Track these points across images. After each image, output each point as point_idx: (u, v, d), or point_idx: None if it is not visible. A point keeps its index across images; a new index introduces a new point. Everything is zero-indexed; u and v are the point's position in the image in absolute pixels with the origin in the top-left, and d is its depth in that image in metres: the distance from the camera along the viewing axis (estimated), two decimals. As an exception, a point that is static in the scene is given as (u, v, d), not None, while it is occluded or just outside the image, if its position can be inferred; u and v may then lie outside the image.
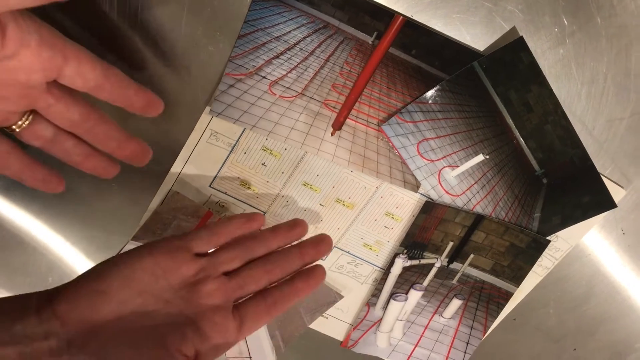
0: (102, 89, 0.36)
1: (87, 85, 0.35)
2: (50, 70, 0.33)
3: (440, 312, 0.55)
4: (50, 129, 0.37)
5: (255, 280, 0.40)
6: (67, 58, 0.33)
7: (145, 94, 0.39)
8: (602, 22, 0.45)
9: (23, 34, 0.31)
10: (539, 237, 0.52)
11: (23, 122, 0.36)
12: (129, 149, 0.41)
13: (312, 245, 0.44)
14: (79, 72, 0.34)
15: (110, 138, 0.39)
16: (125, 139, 0.40)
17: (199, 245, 0.39)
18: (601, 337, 0.59)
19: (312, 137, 0.47)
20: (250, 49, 0.44)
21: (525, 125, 0.48)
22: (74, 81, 0.35)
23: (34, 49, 0.32)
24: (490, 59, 0.45)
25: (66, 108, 0.36)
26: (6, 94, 0.33)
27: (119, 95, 0.37)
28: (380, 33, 0.44)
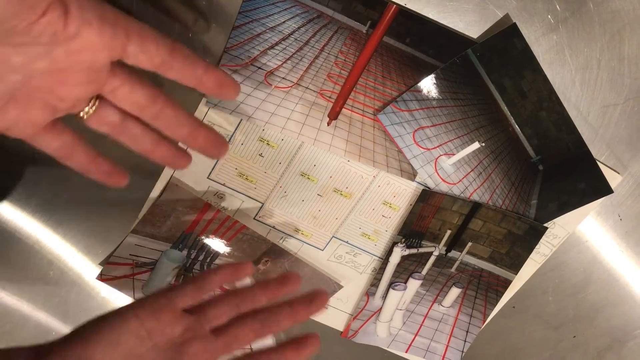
0: (169, 66, 0.35)
1: (152, 63, 0.34)
2: (114, 48, 0.32)
3: (440, 301, 0.55)
4: (117, 114, 0.37)
5: (241, 339, 0.39)
6: (130, 35, 0.32)
7: (216, 73, 0.37)
8: (594, 7, 0.45)
9: (84, 11, 0.30)
10: (536, 224, 0.52)
11: (90, 108, 0.35)
12: (202, 136, 0.39)
13: (304, 303, 0.42)
14: (143, 49, 0.33)
15: (181, 124, 0.38)
16: (197, 125, 0.39)
17: (184, 302, 0.38)
18: (600, 323, 0.59)
19: (308, 127, 0.47)
20: (245, 40, 0.44)
21: (520, 112, 0.48)
22: (139, 59, 0.34)
23: (96, 27, 0.31)
24: (484, 46, 0.45)
25: (132, 90, 0.36)
26: (73, 79, 0.33)
27: (187, 73, 0.36)
28: (374, 22, 0.44)
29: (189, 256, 0.51)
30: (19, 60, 0.30)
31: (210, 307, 0.39)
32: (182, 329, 0.37)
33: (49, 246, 0.50)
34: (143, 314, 0.36)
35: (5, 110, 0.32)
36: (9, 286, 0.51)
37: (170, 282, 0.51)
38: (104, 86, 0.35)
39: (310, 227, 0.51)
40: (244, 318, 0.40)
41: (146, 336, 0.35)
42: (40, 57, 0.31)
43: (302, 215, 0.50)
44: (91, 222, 0.50)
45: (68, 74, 0.32)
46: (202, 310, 0.39)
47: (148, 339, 0.35)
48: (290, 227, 0.51)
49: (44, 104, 0.33)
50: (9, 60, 0.30)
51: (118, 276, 0.50)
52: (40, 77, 0.32)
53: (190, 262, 0.51)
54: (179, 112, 0.38)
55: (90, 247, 0.51)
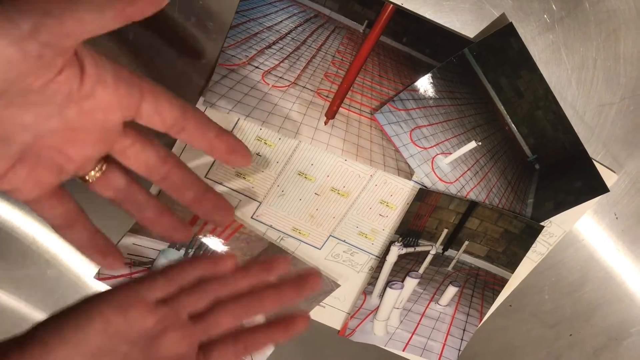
0: (181, 128, 0.34)
1: (165, 124, 0.34)
2: (128, 108, 0.32)
3: (437, 300, 0.55)
4: (124, 179, 0.36)
5: (222, 325, 0.37)
6: (144, 95, 0.32)
7: (228, 138, 0.36)
8: (590, 7, 0.45)
9: (99, 70, 0.30)
10: (533, 223, 0.52)
11: (97, 171, 0.35)
12: (207, 201, 0.38)
13: (293, 286, 0.39)
14: (157, 110, 0.33)
15: (188, 187, 0.37)
16: (203, 189, 0.38)
17: (154, 294, 0.36)
18: (597, 322, 0.59)
19: (305, 126, 0.47)
20: (243, 39, 0.44)
21: (517, 111, 0.48)
22: (152, 119, 0.33)
23: (111, 86, 0.31)
24: (480, 45, 0.45)
25: (143, 150, 0.35)
26: (84, 138, 0.32)
27: (199, 137, 0.35)
28: (371, 21, 0.44)
29: (187, 255, 0.51)
30: (30, 119, 0.29)
31: (185, 294, 0.37)
32: (154, 321, 0.35)
33: (46, 246, 0.50)
34: (108, 311, 0.33)
35: (14, 170, 0.31)
36: (7, 286, 0.51)
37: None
38: (115, 145, 0.34)
39: (308, 226, 0.51)
40: (224, 303, 0.38)
41: (114, 333, 0.33)
42: (52, 116, 0.30)
43: (300, 214, 0.51)
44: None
45: (79, 133, 0.32)
46: (177, 298, 0.37)
47: (116, 335, 0.33)
48: (288, 226, 0.51)
49: (51, 165, 0.32)
50: (19, 120, 0.29)
51: (116, 275, 0.50)
52: (50, 136, 0.31)
53: (187, 261, 0.51)
54: (187, 174, 0.37)
55: (88, 247, 0.51)
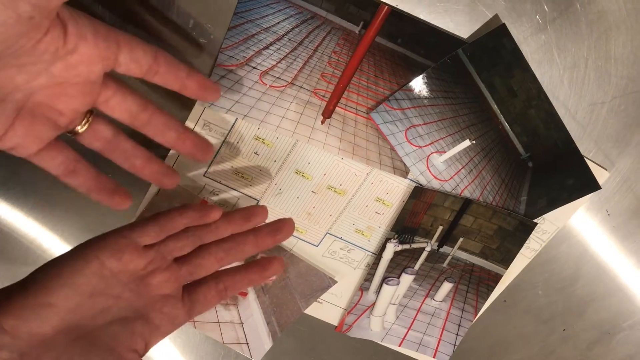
0: (155, 72, 0.37)
1: (141, 70, 0.37)
2: (108, 59, 0.35)
3: (432, 296, 0.56)
4: (110, 130, 0.39)
5: (205, 268, 0.41)
6: (121, 46, 0.35)
7: (198, 77, 0.39)
8: (581, 8, 0.46)
9: (80, 27, 0.32)
10: (526, 220, 0.53)
11: (85, 124, 0.37)
12: (189, 140, 0.41)
13: (269, 232, 0.44)
14: (133, 58, 0.36)
15: (169, 128, 0.40)
16: (184, 130, 0.41)
17: (146, 240, 0.40)
18: (589, 316, 0.60)
19: (302, 125, 0.48)
20: (241, 41, 0.45)
21: (510, 110, 0.49)
22: (129, 67, 0.36)
23: (91, 41, 0.33)
24: (474, 46, 0.46)
25: (124, 99, 0.38)
26: (70, 92, 0.35)
27: (171, 78, 0.38)
28: (366, 23, 0.45)
29: (186, 253, 0.51)
30: (21, 78, 0.32)
31: (172, 239, 0.41)
32: (145, 263, 0.39)
33: (46, 244, 0.51)
34: (104, 255, 0.37)
35: (13, 128, 0.34)
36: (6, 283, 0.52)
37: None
38: (99, 97, 0.37)
39: (305, 223, 0.52)
40: (207, 247, 0.42)
41: (109, 275, 0.37)
42: (40, 73, 0.33)
43: (297, 212, 0.51)
44: (89, 220, 0.51)
45: (66, 87, 0.34)
46: (164, 243, 0.40)
47: (110, 277, 0.37)
48: (285, 223, 0.52)
49: (46, 120, 0.35)
50: (12, 81, 0.32)
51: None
52: (40, 92, 0.34)
53: (187, 259, 0.51)
54: (167, 119, 0.40)
55: (88, 245, 0.51)
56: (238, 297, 0.53)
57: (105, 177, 0.40)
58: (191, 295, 0.41)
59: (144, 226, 0.40)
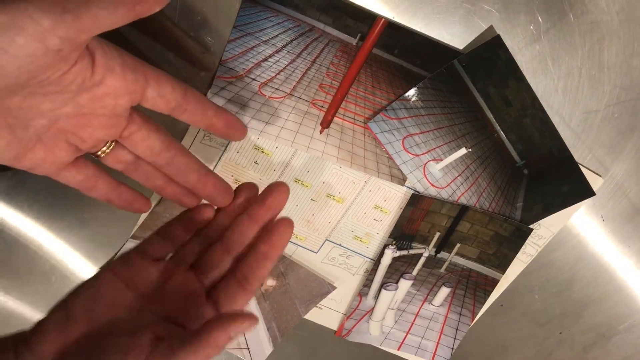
0: (183, 109, 0.37)
1: (168, 106, 0.37)
2: (135, 93, 0.35)
3: (430, 300, 0.57)
4: (132, 154, 0.39)
5: (217, 263, 0.41)
6: (149, 80, 0.35)
7: (225, 115, 0.40)
8: (575, 19, 0.47)
9: (108, 59, 0.32)
10: (522, 226, 0.54)
11: (107, 148, 0.38)
12: (210, 183, 0.41)
13: (260, 206, 0.42)
14: (160, 93, 0.36)
15: (191, 170, 0.40)
16: (205, 172, 0.41)
17: (153, 253, 0.40)
18: (585, 320, 0.61)
19: (301, 135, 0.49)
20: (240, 53, 0.46)
21: (505, 119, 0.50)
22: (156, 102, 0.36)
23: (119, 74, 0.33)
24: (469, 56, 0.47)
25: (148, 135, 0.38)
26: (95, 122, 0.35)
27: (199, 116, 0.38)
28: (363, 35, 0.46)
29: (188, 260, 0.52)
30: (47, 107, 0.32)
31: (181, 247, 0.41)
32: (159, 273, 0.39)
33: (51, 251, 0.52)
34: (116, 268, 0.37)
35: (33, 151, 0.34)
36: (12, 291, 0.52)
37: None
38: (123, 131, 0.37)
39: (305, 230, 0.53)
40: (213, 245, 0.41)
41: (124, 287, 0.37)
42: (67, 102, 0.33)
43: (297, 219, 0.52)
44: (92, 228, 0.51)
45: (91, 117, 0.34)
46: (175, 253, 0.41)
47: (126, 288, 0.37)
48: (285, 231, 0.53)
49: (67, 145, 0.35)
50: (38, 108, 0.32)
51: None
52: (65, 120, 0.34)
53: (188, 266, 0.52)
54: (189, 160, 0.40)
55: (92, 252, 0.52)
56: (239, 303, 0.54)
57: (124, 187, 0.40)
58: (214, 297, 0.40)
59: (148, 240, 0.40)
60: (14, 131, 0.32)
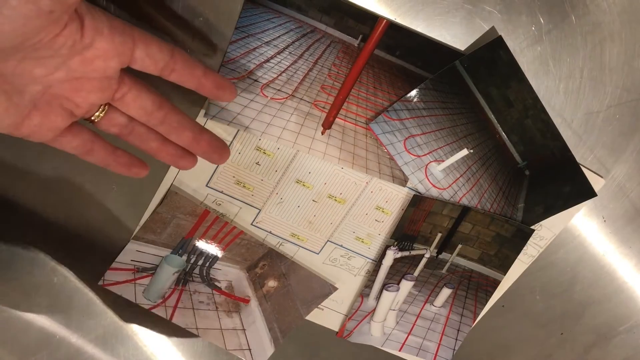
0: (171, 69, 0.38)
1: (157, 67, 0.37)
2: (124, 54, 0.35)
3: (431, 301, 0.57)
4: (125, 117, 0.40)
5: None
6: (136, 41, 0.36)
7: (214, 76, 0.40)
8: (576, 20, 0.47)
9: (96, 22, 0.33)
10: (524, 227, 0.54)
11: (101, 112, 0.38)
12: (204, 141, 0.42)
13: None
14: (148, 54, 0.36)
15: (185, 128, 0.41)
16: (200, 130, 0.41)
17: None
18: (587, 321, 0.61)
19: (303, 136, 0.49)
20: (242, 54, 0.46)
21: (507, 120, 0.50)
22: (145, 63, 0.37)
23: (107, 36, 0.34)
24: (471, 57, 0.47)
25: (139, 96, 0.38)
26: (87, 86, 0.36)
27: (188, 76, 0.39)
28: (365, 36, 0.46)
29: (189, 261, 0.52)
30: (40, 72, 0.33)
31: None
32: None
33: (52, 253, 0.52)
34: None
35: (29, 117, 0.35)
36: (13, 293, 0.52)
37: (171, 286, 0.52)
38: (114, 93, 0.38)
39: (306, 231, 0.53)
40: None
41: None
42: (59, 67, 0.34)
43: (298, 220, 0.52)
44: (93, 229, 0.51)
45: (83, 81, 0.35)
46: None
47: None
48: (287, 232, 0.53)
49: (62, 110, 0.36)
50: (31, 73, 0.33)
51: (120, 281, 0.52)
52: (58, 85, 0.35)
53: (190, 267, 0.52)
54: (183, 118, 0.41)
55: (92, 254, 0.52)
56: (240, 304, 0.54)
57: (121, 151, 0.41)
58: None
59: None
60: (11, 98, 0.33)
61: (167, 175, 0.49)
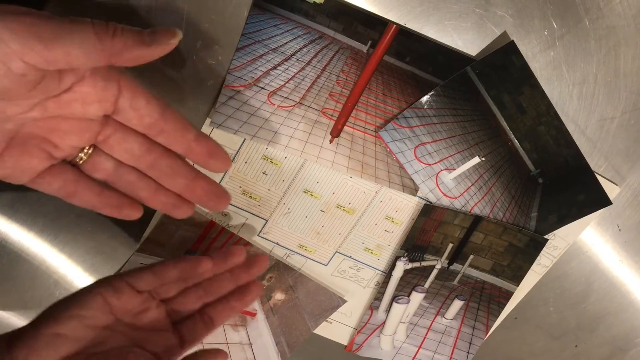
0: (159, 128, 0.36)
1: (142, 122, 0.35)
2: (106, 101, 0.33)
3: (443, 314, 0.55)
4: (112, 162, 0.37)
5: (188, 305, 0.43)
6: (122, 90, 0.34)
7: (207, 142, 0.37)
8: (590, 24, 0.46)
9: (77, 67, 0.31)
10: (537, 236, 0.52)
11: (84, 155, 0.36)
12: (199, 188, 0.39)
13: (244, 269, 0.46)
14: (133, 106, 0.34)
15: (177, 174, 0.38)
16: (194, 176, 0.39)
17: (141, 286, 0.40)
18: (602, 333, 0.59)
19: (311, 144, 0.47)
20: (249, 61, 0.45)
21: (519, 127, 0.49)
22: (129, 116, 0.35)
23: (88, 80, 0.32)
24: (482, 63, 0.46)
25: (125, 139, 0.36)
26: (66, 127, 0.34)
27: (177, 139, 0.37)
28: (374, 42, 0.45)
29: (194, 273, 0.51)
30: (13, 111, 0.31)
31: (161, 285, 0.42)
32: (138, 304, 0.40)
33: (55, 266, 0.51)
34: (106, 293, 0.38)
35: (2, 159, 0.33)
36: (16, 306, 0.51)
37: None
38: (98, 135, 0.35)
39: (314, 242, 0.52)
40: (189, 288, 0.43)
41: (109, 311, 0.38)
42: (33, 107, 0.32)
43: (306, 231, 0.51)
44: (97, 241, 0.50)
45: (60, 121, 0.33)
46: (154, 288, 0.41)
47: (110, 313, 0.38)
48: (294, 243, 0.52)
49: (39, 151, 0.34)
50: (4, 112, 0.31)
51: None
52: (32, 124, 0.33)
53: (195, 280, 0.51)
54: (174, 162, 0.38)
55: (96, 266, 0.51)
56: (247, 318, 0.53)
57: (109, 192, 0.38)
58: (180, 330, 0.42)
59: (142, 274, 0.41)
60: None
61: (172, 185, 0.48)
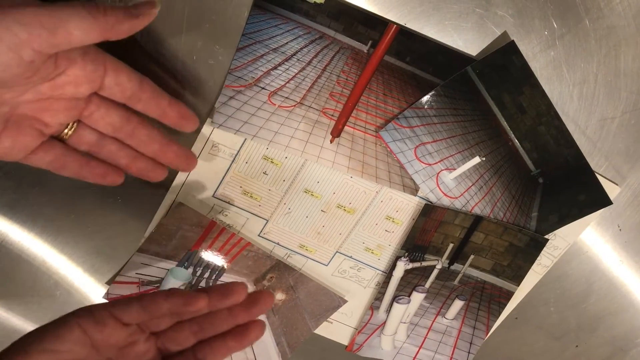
0: (138, 98, 0.39)
1: (124, 95, 0.38)
2: (94, 81, 0.37)
3: (443, 314, 0.55)
4: (95, 134, 0.40)
5: (181, 341, 0.40)
6: (107, 70, 0.37)
7: (179, 106, 0.41)
8: (590, 24, 0.46)
9: (70, 52, 0.34)
10: (537, 236, 0.52)
11: (69, 130, 0.39)
12: (172, 151, 0.43)
13: (244, 308, 0.41)
14: (117, 82, 0.37)
15: (153, 140, 0.42)
16: (166, 142, 0.42)
17: (127, 318, 0.37)
18: (602, 333, 0.59)
19: (311, 144, 0.47)
20: (249, 61, 0.45)
21: (520, 126, 0.49)
22: (113, 91, 0.38)
23: (80, 64, 0.35)
24: (483, 63, 0.46)
25: (107, 113, 0.39)
26: (56, 107, 0.37)
27: (153, 106, 0.40)
28: (375, 42, 0.45)
29: (195, 274, 0.51)
30: (8, 95, 0.34)
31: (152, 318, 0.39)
32: (125, 337, 0.37)
33: (55, 267, 0.51)
34: (86, 324, 0.35)
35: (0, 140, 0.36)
36: (16, 307, 0.51)
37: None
38: (83, 112, 0.39)
39: (315, 242, 0.52)
40: (183, 322, 0.41)
41: (89, 344, 0.36)
42: (27, 91, 0.35)
43: (306, 231, 0.51)
44: (97, 241, 0.50)
45: (51, 102, 0.37)
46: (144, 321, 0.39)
47: (91, 347, 0.36)
48: (295, 243, 0.51)
49: (32, 130, 0.37)
50: (1, 97, 0.34)
51: (124, 295, 0.51)
52: (26, 106, 0.36)
53: (196, 280, 0.51)
54: (150, 131, 0.42)
55: (97, 267, 0.51)
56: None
57: (93, 162, 0.41)
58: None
59: (129, 305, 0.38)
60: None
61: (172, 185, 0.48)
